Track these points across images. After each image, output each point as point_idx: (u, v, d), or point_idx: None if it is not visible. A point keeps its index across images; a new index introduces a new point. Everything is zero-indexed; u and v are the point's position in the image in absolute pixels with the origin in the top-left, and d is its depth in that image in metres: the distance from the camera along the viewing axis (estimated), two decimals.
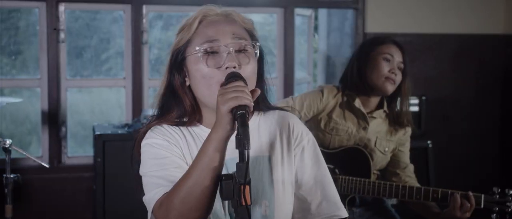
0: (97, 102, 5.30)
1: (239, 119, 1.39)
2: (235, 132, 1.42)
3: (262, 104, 1.73)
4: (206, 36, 1.61)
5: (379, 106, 2.82)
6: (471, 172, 4.71)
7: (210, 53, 1.60)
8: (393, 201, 3.27)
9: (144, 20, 4.26)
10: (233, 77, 1.53)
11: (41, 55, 4.15)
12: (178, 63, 1.66)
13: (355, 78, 2.76)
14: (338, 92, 2.81)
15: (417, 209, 2.75)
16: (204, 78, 1.59)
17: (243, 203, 1.40)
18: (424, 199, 2.59)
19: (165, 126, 1.68)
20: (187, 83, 1.66)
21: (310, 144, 1.75)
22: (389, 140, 2.81)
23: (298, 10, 4.65)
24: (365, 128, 2.77)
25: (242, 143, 1.38)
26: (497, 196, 2.54)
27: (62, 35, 4.15)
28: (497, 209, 2.53)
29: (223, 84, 1.52)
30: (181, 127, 1.68)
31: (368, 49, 2.78)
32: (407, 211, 2.86)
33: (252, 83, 1.61)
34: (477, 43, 4.73)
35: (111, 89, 5.12)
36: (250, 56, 1.62)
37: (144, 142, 1.66)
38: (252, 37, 1.66)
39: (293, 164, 1.73)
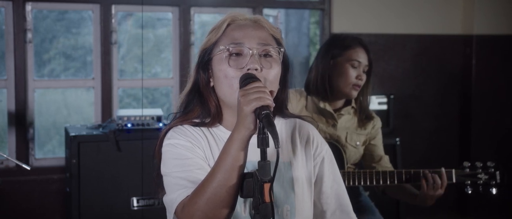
0: (62, 103, 5.21)
1: (265, 119, 1.41)
2: (257, 132, 1.46)
3: (284, 111, 1.77)
4: (232, 38, 1.65)
5: (346, 103, 2.84)
6: (431, 167, 4.87)
7: (235, 54, 1.63)
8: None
9: (113, 20, 4.23)
10: (250, 78, 1.55)
11: (7, 56, 4.06)
12: (204, 63, 1.69)
13: (320, 85, 2.74)
14: (302, 96, 2.82)
15: (397, 195, 2.82)
16: (226, 78, 1.62)
17: (267, 200, 1.44)
18: (398, 181, 2.64)
19: (187, 126, 1.69)
20: (212, 84, 1.69)
21: (328, 154, 1.81)
22: (359, 134, 2.84)
23: (265, 11, 4.70)
24: (334, 126, 2.79)
25: (265, 142, 1.42)
26: (468, 170, 2.61)
27: (29, 35, 4.08)
28: (469, 182, 2.60)
29: (240, 85, 1.55)
30: (202, 128, 1.70)
31: (334, 53, 2.74)
32: (385, 202, 2.94)
33: (274, 88, 1.64)
34: (437, 43, 4.90)
35: (76, 90, 5.05)
36: (273, 62, 1.65)
37: (166, 142, 1.66)
38: (279, 44, 1.69)
39: (312, 172, 1.77)
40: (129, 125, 3.69)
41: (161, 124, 3.75)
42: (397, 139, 4.10)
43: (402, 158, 4.12)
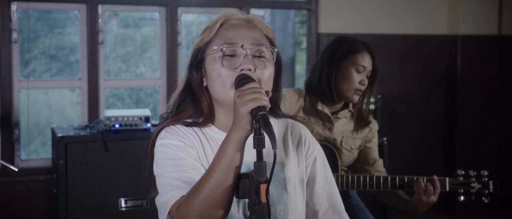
0: (46, 104, 5.18)
1: (261, 119, 1.42)
2: (253, 133, 1.46)
3: (277, 111, 1.77)
4: (225, 38, 1.64)
5: (344, 106, 2.83)
6: (417, 166, 4.91)
7: (228, 54, 1.63)
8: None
9: (99, 20, 4.20)
10: (245, 78, 1.56)
11: None
12: (197, 62, 1.69)
13: (324, 86, 2.72)
14: (300, 96, 2.80)
15: (388, 201, 2.83)
16: (220, 77, 1.62)
17: (264, 201, 1.45)
18: (391, 187, 2.63)
19: (179, 126, 1.69)
20: (204, 83, 1.69)
21: (320, 154, 1.82)
22: (355, 138, 2.83)
23: (252, 11, 4.70)
24: (330, 129, 2.78)
25: (261, 143, 1.42)
26: (462, 178, 2.61)
27: (14, 35, 4.04)
28: (462, 191, 2.61)
29: (236, 86, 1.55)
30: (195, 128, 1.70)
31: (340, 56, 2.72)
32: (372, 201, 2.95)
33: (268, 88, 1.64)
34: (423, 43, 4.94)
35: (59, 90, 5.01)
36: (266, 62, 1.65)
37: (158, 142, 1.66)
38: (272, 44, 1.69)
39: (304, 173, 1.78)
40: (116, 125, 3.67)
41: (149, 125, 3.73)
42: (385, 138, 4.12)
43: (389, 157, 4.14)
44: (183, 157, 1.61)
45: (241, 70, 1.60)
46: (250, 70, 1.60)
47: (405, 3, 4.87)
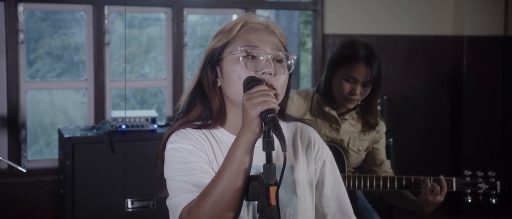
0: (52, 104, 5.19)
1: (271, 122, 1.43)
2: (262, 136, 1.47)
3: (285, 114, 1.79)
4: (247, 40, 1.65)
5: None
6: (422, 167, 4.91)
7: (250, 57, 1.64)
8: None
9: (106, 21, 4.22)
10: (253, 81, 1.56)
11: None
12: (213, 62, 1.69)
13: (324, 88, 2.77)
14: (307, 99, 2.81)
15: (394, 201, 2.83)
16: (240, 78, 1.62)
17: (273, 203, 1.45)
18: (398, 187, 2.65)
19: (189, 129, 1.69)
20: (218, 84, 1.70)
21: (329, 158, 1.83)
22: (362, 139, 2.84)
23: (257, 12, 4.70)
24: (337, 130, 2.79)
25: (270, 145, 1.43)
26: (469, 179, 2.62)
27: (21, 36, 4.05)
28: (469, 191, 2.61)
29: (244, 89, 1.56)
30: (204, 130, 1.70)
31: (339, 61, 2.72)
32: (378, 201, 2.96)
33: (283, 93, 1.65)
34: (428, 44, 4.94)
35: (63, 91, 5.03)
36: (284, 67, 1.67)
37: (169, 146, 1.67)
38: (286, 50, 1.71)
39: (314, 176, 1.79)
40: (123, 126, 3.68)
41: (155, 126, 3.74)
42: (391, 139, 4.12)
43: (394, 158, 4.14)
44: (194, 161, 1.62)
45: (262, 73, 1.61)
46: (270, 74, 1.61)
47: (411, 3, 4.87)
